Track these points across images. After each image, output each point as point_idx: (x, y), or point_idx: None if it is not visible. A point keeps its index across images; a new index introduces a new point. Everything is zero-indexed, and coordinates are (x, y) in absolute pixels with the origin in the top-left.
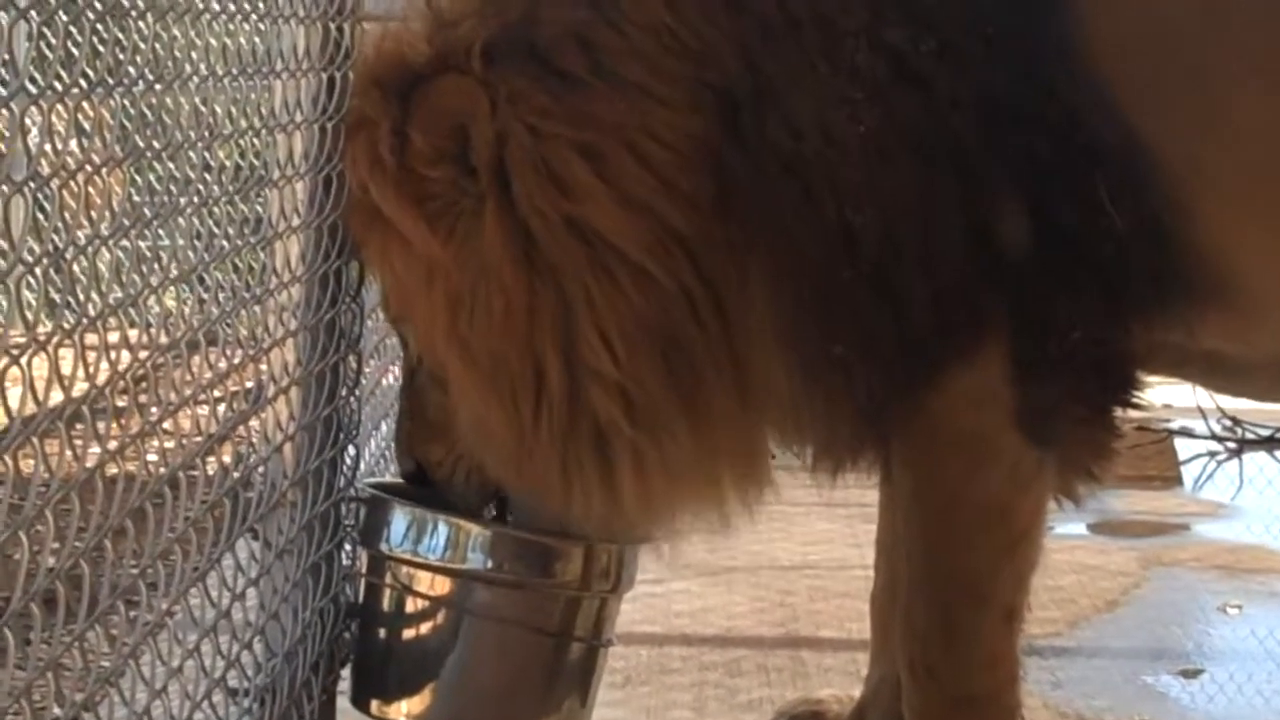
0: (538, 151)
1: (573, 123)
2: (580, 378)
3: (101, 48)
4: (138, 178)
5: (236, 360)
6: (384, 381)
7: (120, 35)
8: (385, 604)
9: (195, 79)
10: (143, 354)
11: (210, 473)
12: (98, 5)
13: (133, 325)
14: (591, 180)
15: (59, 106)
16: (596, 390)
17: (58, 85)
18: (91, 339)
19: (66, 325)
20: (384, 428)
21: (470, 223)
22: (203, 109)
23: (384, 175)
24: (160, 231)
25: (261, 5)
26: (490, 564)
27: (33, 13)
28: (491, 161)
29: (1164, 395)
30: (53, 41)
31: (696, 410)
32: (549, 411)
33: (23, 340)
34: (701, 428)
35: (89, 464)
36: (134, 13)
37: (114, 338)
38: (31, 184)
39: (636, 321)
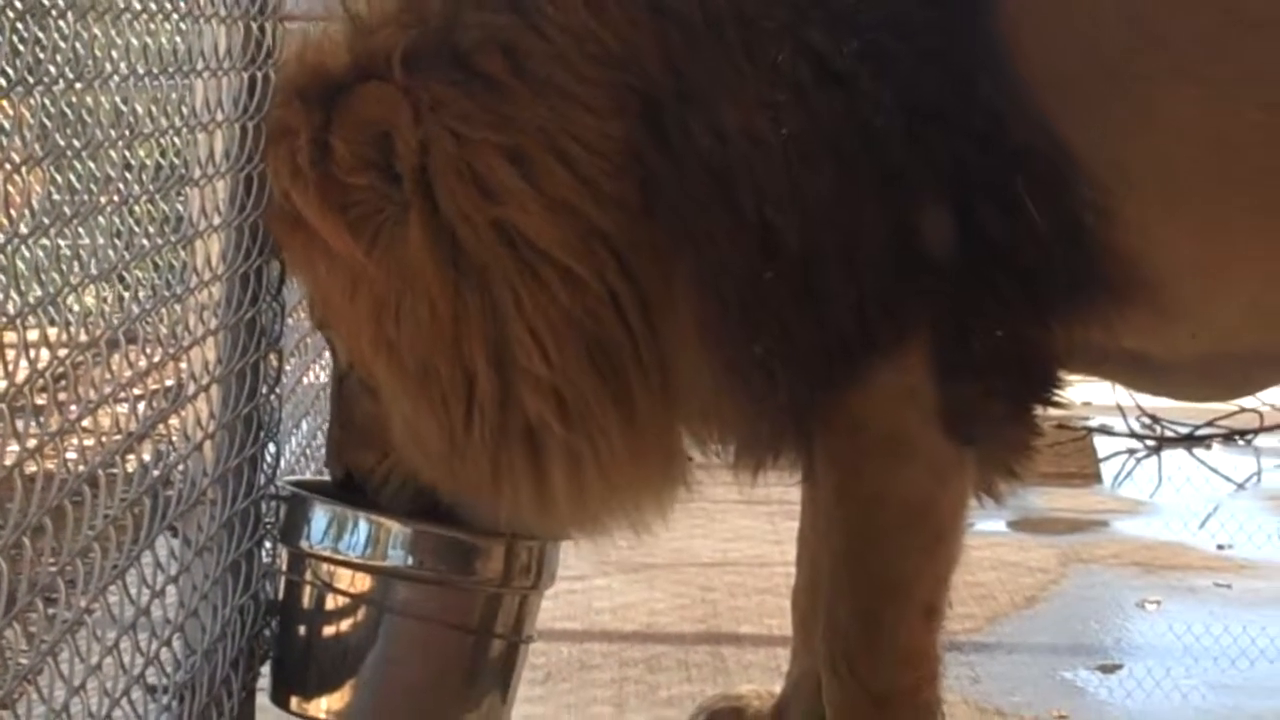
0: (462, 157)
1: (496, 127)
2: (511, 379)
3: (21, 46)
4: (58, 176)
5: (156, 358)
6: (305, 379)
7: (40, 34)
8: (305, 601)
9: (116, 78)
10: (62, 352)
11: (130, 470)
12: (17, 4)
13: (52, 323)
14: (516, 184)
15: None
16: (528, 391)
17: None
18: (11, 337)
19: None
20: (304, 426)
21: (394, 230)
22: (123, 108)
23: (305, 184)
24: (80, 230)
25: (183, 4)
26: (411, 561)
27: None
28: (415, 168)
29: (1084, 393)
30: None
31: (625, 409)
32: (480, 414)
33: None
34: (631, 426)
35: (8, 462)
36: (54, 11)
37: (33, 336)
38: None
39: (565, 322)
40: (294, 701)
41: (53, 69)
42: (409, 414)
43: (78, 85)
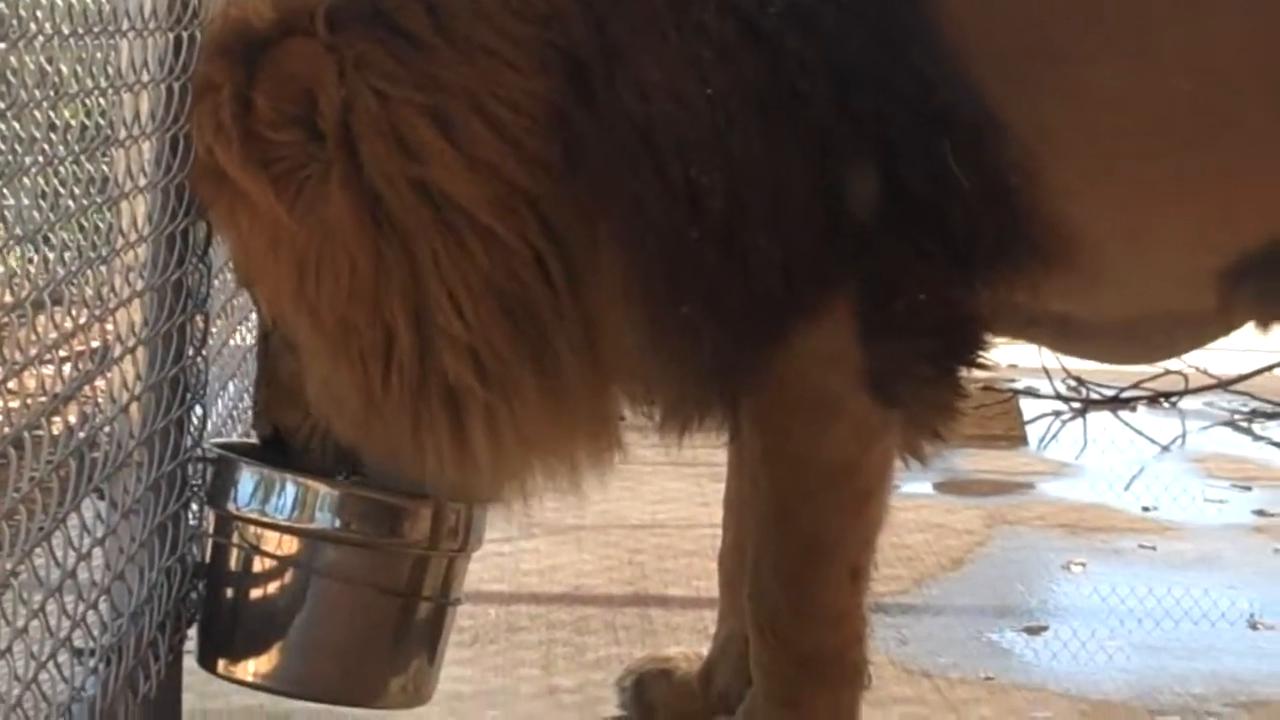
0: (384, 115)
1: (419, 86)
2: (430, 339)
3: None
4: None
5: (82, 320)
6: (231, 341)
7: None
8: (232, 564)
9: (40, 37)
10: None
11: (56, 433)
12: None
13: None
14: (439, 143)
15: None
16: (447, 351)
17: None
18: None
19: None
20: (231, 388)
21: (316, 187)
22: (48, 68)
23: (228, 140)
24: (5, 191)
25: None
26: (338, 523)
27: None
28: (338, 126)
29: (1009, 355)
30: None
31: (546, 370)
32: (399, 374)
33: None
34: (551, 387)
35: None
36: None
37: None
38: None
39: (484, 283)
40: (221, 664)
41: None
42: (327, 373)
43: (1, 45)
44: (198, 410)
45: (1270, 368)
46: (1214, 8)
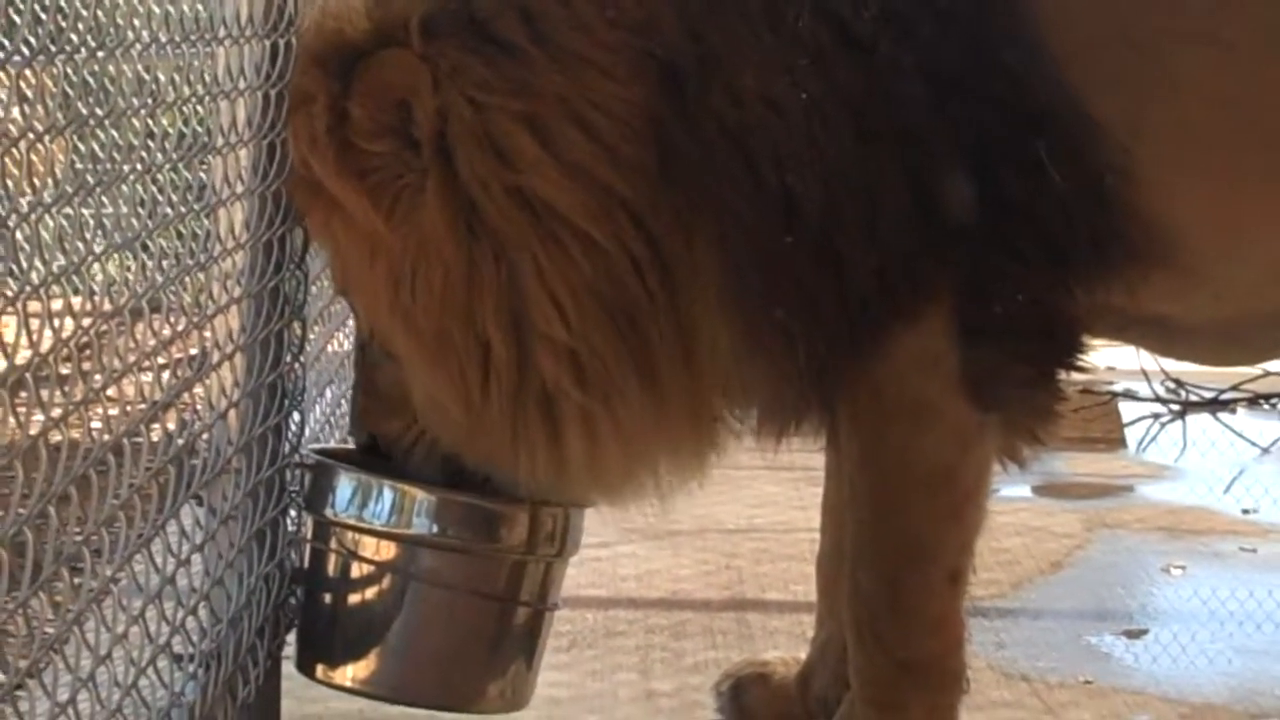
0: (480, 124)
1: (515, 94)
2: (527, 344)
3: (44, 15)
4: (81, 145)
5: (181, 327)
6: (328, 347)
7: (62, 2)
8: (330, 569)
9: (138, 46)
10: (86, 321)
11: (155, 439)
12: None
13: (76, 293)
14: (535, 150)
15: (0, 74)
16: (544, 356)
17: None
18: (35, 306)
19: (9, 293)
20: (328, 393)
21: (413, 197)
22: (146, 76)
23: (324, 151)
24: (104, 199)
25: None
26: (435, 529)
27: None
28: (434, 135)
29: (1108, 358)
30: None
31: (645, 373)
32: (496, 381)
33: None
34: (650, 390)
35: (33, 431)
36: None
37: (58, 305)
38: None
39: (586, 287)
40: (319, 670)
41: (75, 37)
42: (427, 382)
43: (100, 53)
44: (295, 416)
45: None
46: None
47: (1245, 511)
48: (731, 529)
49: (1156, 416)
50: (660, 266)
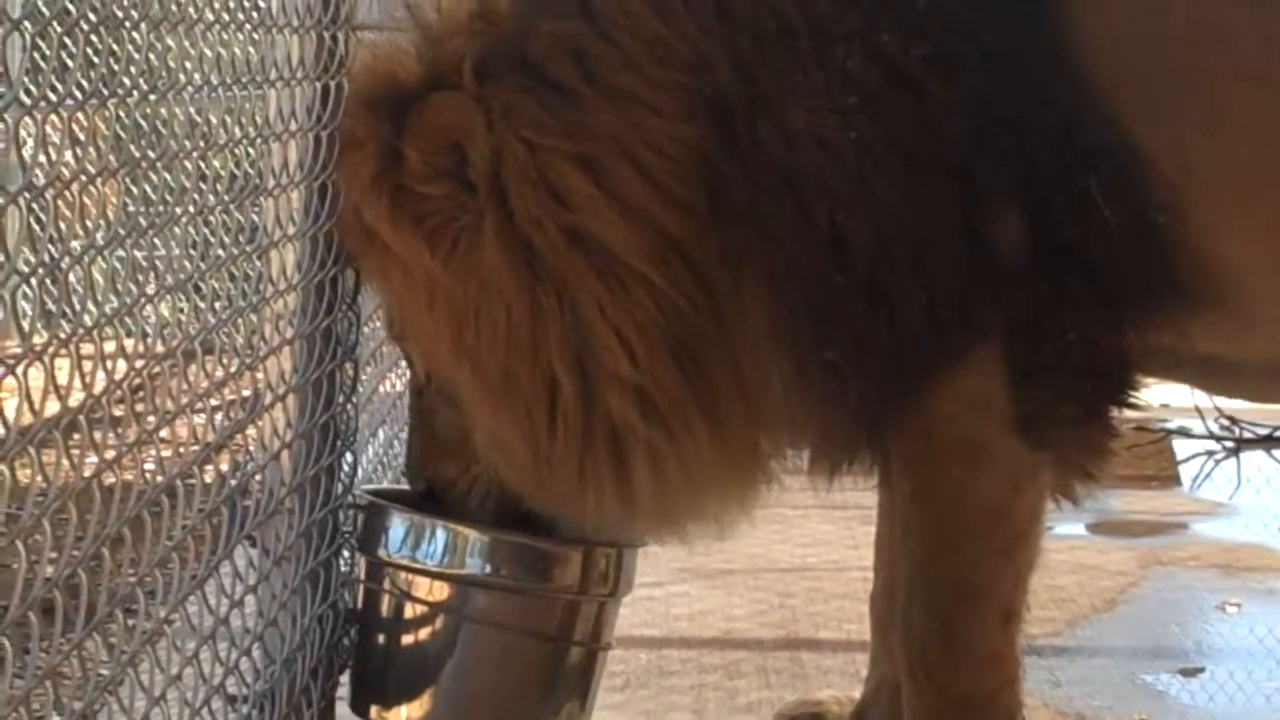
0: (535, 164)
1: (569, 135)
2: (595, 383)
3: (96, 58)
4: (133, 187)
5: (233, 368)
6: (381, 388)
7: (114, 45)
8: (384, 610)
9: (190, 88)
10: (139, 363)
11: (208, 481)
12: (92, 16)
13: (129, 334)
14: (590, 191)
15: (54, 116)
16: (612, 393)
17: (52, 95)
18: (88, 349)
19: (63, 335)
20: (381, 434)
21: (469, 238)
22: (198, 118)
23: (377, 196)
24: (156, 241)
25: (255, 15)
26: (488, 569)
27: (27, 23)
28: (489, 177)
29: (1162, 395)
30: (47, 52)
31: (708, 410)
32: (564, 421)
33: (19, 350)
34: (713, 427)
35: (86, 473)
36: (128, 23)
37: (110, 347)
38: (27, 194)
39: (651, 323)
40: (374, 710)
41: (127, 80)
42: (492, 424)
43: (152, 96)
44: (348, 457)
45: None
46: None
47: None
48: (785, 568)
49: (1211, 453)
50: (712, 307)
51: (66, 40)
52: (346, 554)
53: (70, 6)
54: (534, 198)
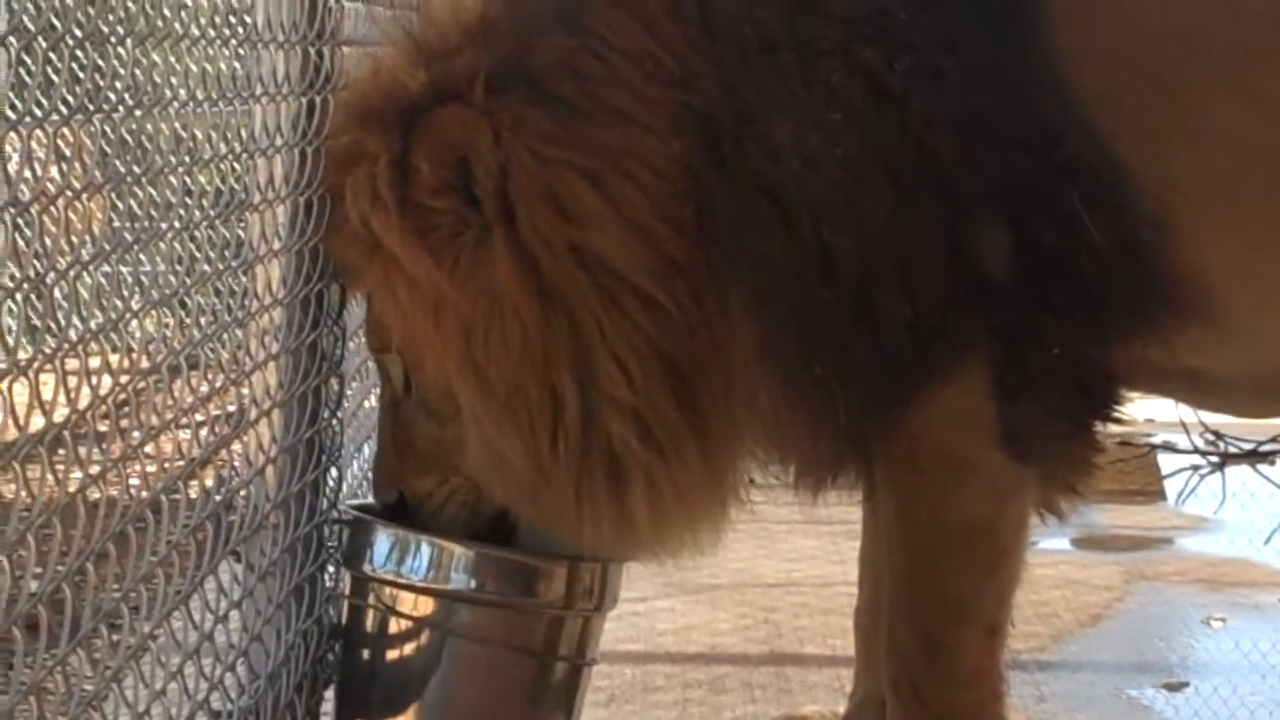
0: (543, 178)
1: (576, 148)
2: (595, 403)
3: (81, 73)
4: (118, 202)
5: (218, 384)
6: (366, 404)
7: (100, 61)
8: (369, 625)
9: (175, 104)
10: (124, 378)
11: (192, 496)
12: (77, 31)
13: (114, 350)
14: (597, 205)
15: (39, 132)
16: (611, 415)
17: (37, 111)
18: (73, 363)
19: (48, 350)
20: (366, 450)
21: (475, 252)
22: (183, 134)
23: (386, 209)
24: (141, 256)
25: (241, 30)
26: (473, 584)
27: (11, 39)
28: (496, 191)
29: (1146, 410)
30: (32, 68)
31: (698, 430)
32: (565, 438)
33: (3, 365)
34: (703, 447)
35: (71, 488)
36: (113, 38)
37: (95, 362)
38: (12, 209)
39: (648, 346)
40: None
41: (113, 95)
42: (493, 437)
43: (138, 112)
44: (333, 472)
45: None
46: None
47: None
48: (769, 583)
49: (1195, 468)
50: (705, 323)
51: (52, 55)
52: (331, 569)
53: (56, 22)
54: (541, 212)
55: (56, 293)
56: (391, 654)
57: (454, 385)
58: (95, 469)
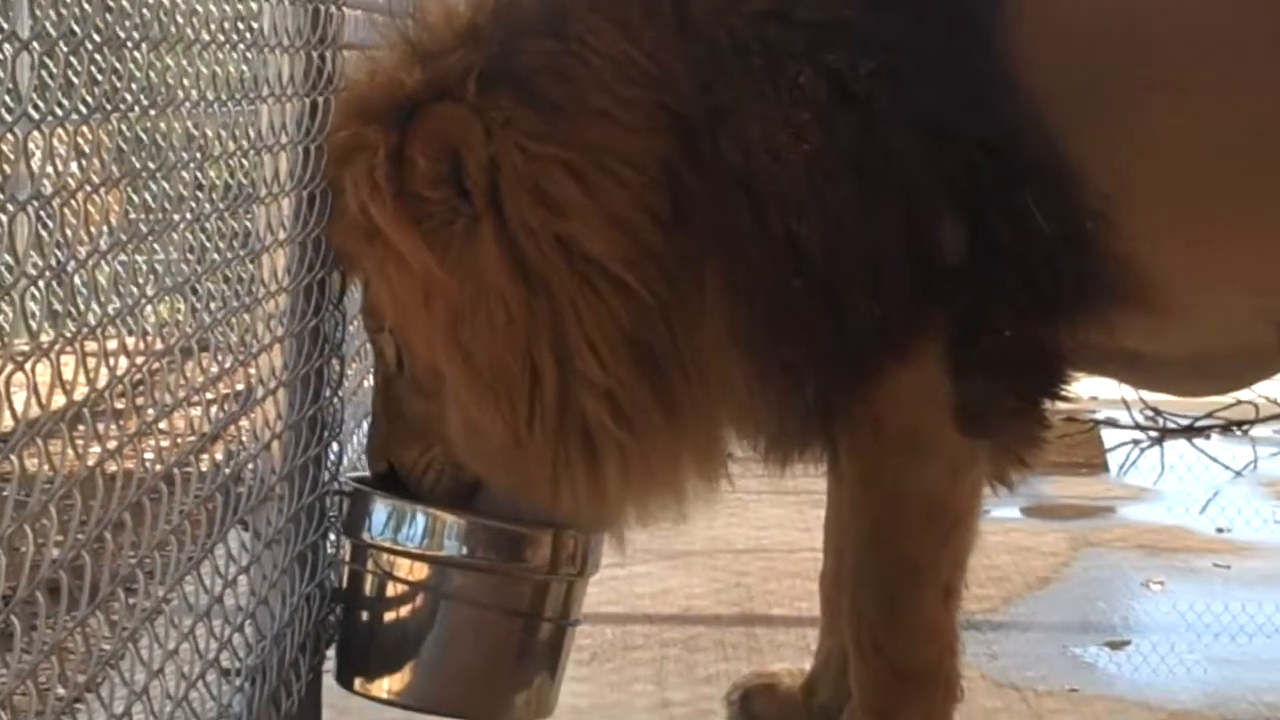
0: (529, 172)
1: (561, 144)
2: (571, 383)
3: (100, 76)
4: (134, 196)
5: (227, 365)
6: (365, 384)
7: (117, 64)
8: (367, 589)
9: (187, 104)
10: (140, 360)
11: (203, 469)
12: (96, 36)
13: (130, 333)
14: (580, 198)
15: (60, 130)
16: (586, 394)
17: (59, 111)
18: (92, 346)
19: (68, 334)
20: (365, 426)
21: (464, 241)
22: (194, 132)
23: (383, 198)
24: (155, 246)
25: (249, 35)
26: (465, 551)
27: (35, 44)
28: (486, 184)
29: (1091, 388)
30: (54, 70)
31: (670, 409)
32: (541, 415)
33: (27, 348)
34: (674, 425)
35: (90, 462)
36: (130, 43)
37: (113, 345)
38: (35, 203)
39: (619, 331)
40: (357, 682)
41: (129, 96)
42: (474, 412)
43: (152, 111)
44: (334, 447)
45: None
46: (1253, 52)
47: (1219, 530)
48: (740, 549)
49: (1136, 442)
50: (681, 309)
51: (72, 59)
52: (333, 537)
53: (75, 27)
54: (527, 204)
55: (77, 280)
56: (389, 616)
57: (440, 363)
58: (113, 444)
